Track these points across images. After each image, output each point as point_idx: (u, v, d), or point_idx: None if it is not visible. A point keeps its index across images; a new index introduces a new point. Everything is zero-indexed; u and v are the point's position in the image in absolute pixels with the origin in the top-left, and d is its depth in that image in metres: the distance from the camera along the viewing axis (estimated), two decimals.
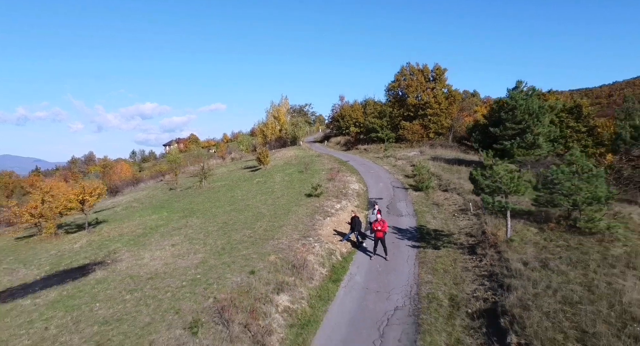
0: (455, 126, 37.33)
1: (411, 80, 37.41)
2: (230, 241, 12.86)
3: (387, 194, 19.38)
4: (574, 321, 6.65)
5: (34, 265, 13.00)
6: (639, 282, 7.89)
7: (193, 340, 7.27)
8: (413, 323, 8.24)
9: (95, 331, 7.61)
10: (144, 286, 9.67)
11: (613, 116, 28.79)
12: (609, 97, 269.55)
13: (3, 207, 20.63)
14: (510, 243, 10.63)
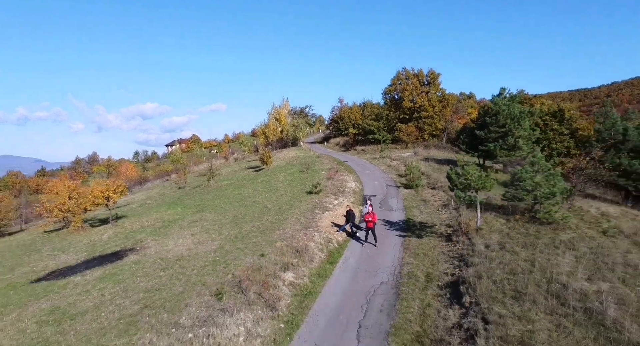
0: (449, 128, 39.35)
1: (407, 84, 39.45)
2: (241, 231, 14.91)
3: (380, 191, 21.42)
4: (513, 285, 8.69)
5: (72, 252, 15.05)
6: (573, 259, 9.94)
7: (219, 303, 9.30)
8: (394, 293, 10.26)
9: (141, 297, 9.66)
10: (173, 265, 11.72)
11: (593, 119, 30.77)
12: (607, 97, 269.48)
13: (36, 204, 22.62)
14: (479, 231, 12.67)
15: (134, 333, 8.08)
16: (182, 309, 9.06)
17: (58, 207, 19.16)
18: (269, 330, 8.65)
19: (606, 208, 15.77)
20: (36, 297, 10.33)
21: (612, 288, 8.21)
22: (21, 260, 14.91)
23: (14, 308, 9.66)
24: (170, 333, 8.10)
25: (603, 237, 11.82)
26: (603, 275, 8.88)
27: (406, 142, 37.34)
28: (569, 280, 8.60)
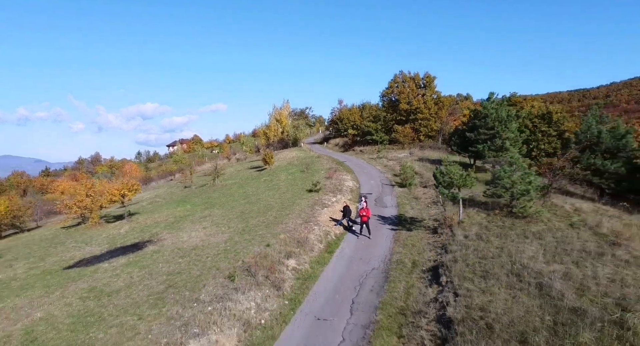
0: (444, 129, 40.91)
1: (403, 87, 41.02)
2: (248, 225, 16.48)
3: (376, 190, 22.99)
4: (482, 267, 10.26)
5: (94, 244, 16.63)
6: (538, 246, 11.50)
7: (232, 284, 10.86)
8: (383, 277, 11.83)
9: (164, 279, 11.24)
10: (190, 254, 13.29)
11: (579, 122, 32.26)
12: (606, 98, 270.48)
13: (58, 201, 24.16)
14: (461, 224, 14.24)
15: (163, 306, 9.65)
16: (201, 288, 10.63)
17: (77, 204, 20.71)
18: (275, 305, 10.22)
19: (580, 205, 17.31)
20: (72, 280, 11.91)
21: (565, 268, 9.77)
22: (49, 252, 16.49)
23: (56, 288, 11.23)
24: (192, 306, 9.67)
25: (570, 228, 13.38)
26: (560, 259, 10.45)
27: (403, 143, 38.91)
28: (529, 263, 10.17)
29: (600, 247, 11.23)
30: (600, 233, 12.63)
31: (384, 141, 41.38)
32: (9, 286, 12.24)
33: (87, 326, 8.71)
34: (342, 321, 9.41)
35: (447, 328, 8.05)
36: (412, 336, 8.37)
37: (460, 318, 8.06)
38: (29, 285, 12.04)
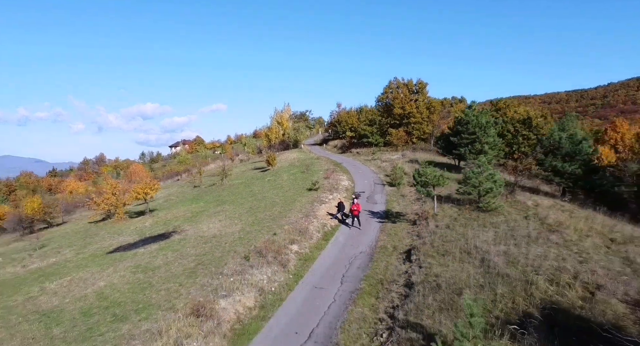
0: (436, 132, 43.77)
1: (397, 92, 43.93)
2: (257, 218, 19.38)
3: (368, 189, 25.89)
4: (444, 248, 13.17)
5: (125, 234, 19.54)
6: (492, 233, 14.39)
7: (248, 263, 13.74)
8: (369, 258, 14.72)
9: (194, 259, 14.15)
10: (211, 240, 16.20)
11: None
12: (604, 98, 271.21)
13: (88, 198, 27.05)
14: (435, 216, 17.13)
15: (196, 278, 12.56)
16: (224, 265, 13.53)
17: (104, 202, 23.60)
18: (282, 278, 13.12)
19: (542, 201, 20.20)
20: (118, 260, 14.82)
21: (506, 248, 12.66)
22: (87, 241, 19.41)
23: (108, 266, 14.14)
24: (218, 278, 12.56)
25: (523, 220, 16.27)
26: (506, 242, 13.34)
27: (396, 145, 41.81)
28: (481, 244, 13.07)
29: (541, 233, 14.14)
30: (546, 223, 15.53)
31: (379, 143, 44.28)
32: (66, 266, 15.16)
33: (142, 289, 11.62)
34: (334, 289, 12.31)
35: (410, 288, 10.96)
36: (385, 297, 11.28)
37: (420, 281, 10.99)
38: (83, 265, 14.96)
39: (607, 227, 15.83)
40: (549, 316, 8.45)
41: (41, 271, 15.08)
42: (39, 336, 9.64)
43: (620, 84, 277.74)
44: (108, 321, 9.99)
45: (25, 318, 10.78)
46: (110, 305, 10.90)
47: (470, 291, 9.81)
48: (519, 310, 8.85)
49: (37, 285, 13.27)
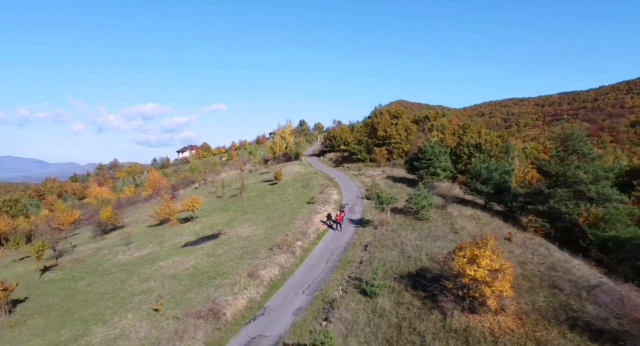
0: (412, 151, 53.69)
1: (381, 117, 53.88)
2: (273, 224, 29.35)
3: (352, 202, 35.81)
4: (385, 243, 23.18)
5: (185, 235, 29.51)
6: (417, 234, 24.33)
7: (271, 252, 23.69)
8: (344, 249, 24.66)
9: (239, 250, 24.15)
10: (246, 239, 26.19)
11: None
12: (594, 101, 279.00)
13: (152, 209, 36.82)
14: (388, 223, 27.12)
15: (244, 259, 22.54)
16: (258, 253, 23.50)
17: (163, 211, 33.49)
18: (292, 260, 23.09)
19: (466, 211, 30.11)
20: (191, 252, 24.78)
21: (421, 242, 22.59)
22: (160, 240, 29.34)
23: (188, 254, 24.10)
24: (256, 259, 22.51)
25: (443, 225, 26.22)
26: (421, 239, 23.26)
27: (379, 162, 51.79)
28: (406, 241, 23.02)
29: (446, 234, 24.13)
30: (454, 227, 25.54)
31: (366, 159, 54.25)
32: (160, 254, 25.15)
33: (217, 265, 21.61)
34: (322, 265, 22.28)
35: (360, 264, 20.96)
36: (348, 268, 21.24)
37: (365, 260, 21.02)
38: (171, 253, 24.94)
39: (494, 229, 25.85)
40: (419, 272, 18.48)
41: (147, 257, 25.04)
42: (177, 286, 19.57)
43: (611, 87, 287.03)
44: (206, 279, 19.99)
45: (163, 279, 20.74)
46: (203, 273, 20.90)
47: (387, 264, 19.81)
48: (406, 271, 18.88)
49: (153, 264, 23.25)
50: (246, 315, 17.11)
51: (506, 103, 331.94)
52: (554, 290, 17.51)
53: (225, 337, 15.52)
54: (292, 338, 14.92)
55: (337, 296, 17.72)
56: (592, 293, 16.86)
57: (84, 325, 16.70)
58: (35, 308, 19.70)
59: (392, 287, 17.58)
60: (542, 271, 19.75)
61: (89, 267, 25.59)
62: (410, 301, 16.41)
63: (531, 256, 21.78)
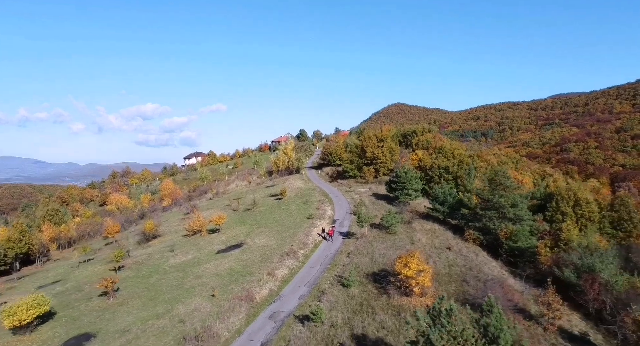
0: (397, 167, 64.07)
1: (369, 141, 64.33)
2: (282, 237, 39.85)
3: (342, 217, 46.27)
4: (362, 251, 33.73)
5: (215, 244, 40.02)
6: (386, 244, 34.82)
7: (282, 258, 34.15)
8: (333, 256, 35.16)
9: (259, 256, 34.69)
10: (263, 248, 36.71)
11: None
12: (585, 106, 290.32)
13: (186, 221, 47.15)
14: (366, 236, 37.61)
15: (264, 263, 33.05)
16: (272, 259, 34.00)
17: (196, 224, 43.88)
18: (297, 264, 33.64)
19: (428, 226, 40.52)
20: (225, 257, 35.25)
21: (385, 251, 33.05)
22: (197, 247, 39.79)
23: (222, 259, 34.54)
24: (272, 263, 32.99)
25: (405, 238, 36.67)
26: (387, 248, 33.73)
27: (367, 179, 62.29)
28: (376, 250, 33.52)
29: (405, 244, 34.60)
30: (413, 240, 36.07)
31: (357, 176, 64.75)
32: (201, 259, 35.63)
33: (246, 267, 32.11)
34: (317, 267, 32.79)
35: (344, 266, 31.46)
36: (335, 269, 31.71)
37: (347, 264, 31.54)
38: (210, 259, 35.42)
39: (442, 241, 36.35)
40: (379, 272, 29.01)
41: (192, 261, 35.47)
42: (221, 281, 29.99)
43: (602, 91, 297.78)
44: (240, 277, 30.48)
45: (210, 276, 31.19)
46: (237, 272, 31.39)
47: (361, 266, 30.33)
48: (372, 271, 29.43)
49: (199, 266, 33.67)
50: (268, 299, 27.58)
51: (501, 106, 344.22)
52: (463, 282, 28.09)
53: (257, 312, 25.98)
54: (298, 311, 25.36)
55: (326, 287, 28.22)
56: (487, 283, 27.35)
57: (169, 305, 27.18)
58: (129, 295, 30.18)
59: (361, 281, 28.11)
60: (462, 270, 30.32)
61: (151, 268, 36.09)
62: (371, 289, 26.96)
63: (460, 260, 32.35)
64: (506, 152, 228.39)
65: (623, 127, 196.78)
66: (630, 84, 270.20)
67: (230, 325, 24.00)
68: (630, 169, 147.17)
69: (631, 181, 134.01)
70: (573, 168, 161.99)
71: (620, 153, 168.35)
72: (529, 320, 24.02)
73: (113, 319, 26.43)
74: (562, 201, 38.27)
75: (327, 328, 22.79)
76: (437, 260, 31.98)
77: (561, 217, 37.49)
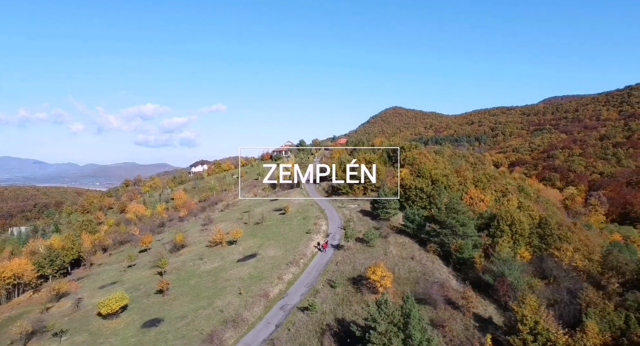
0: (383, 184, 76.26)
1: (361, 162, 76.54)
2: (287, 248, 52.09)
3: (334, 231, 58.49)
4: (346, 260, 46.00)
5: (235, 254, 52.25)
6: (365, 255, 47.01)
7: (289, 266, 46.33)
8: (326, 264, 47.36)
9: (270, 264, 46.95)
10: (273, 258, 48.95)
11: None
12: (575, 112, 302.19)
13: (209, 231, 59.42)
14: (351, 249, 49.84)
15: (274, 270, 45.29)
16: (280, 266, 46.24)
17: (217, 237, 55.97)
18: (298, 270, 45.97)
19: (400, 240, 52.70)
20: (245, 265, 47.40)
21: (364, 260, 45.23)
22: (220, 257, 51.90)
23: (242, 266, 46.67)
24: (280, 270, 45.20)
25: (380, 250, 48.82)
26: (366, 258, 45.92)
27: (357, 196, 74.51)
28: (357, 260, 45.73)
29: (380, 255, 46.85)
30: (387, 252, 48.35)
31: (349, 193, 76.94)
32: (226, 266, 47.80)
33: (261, 273, 44.31)
34: (314, 273, 45.08)
35: (333, 273, 43.70)
36: (327, 275, 43.95)
37: (335, 270, 43.82)
38: (232, 266, 47.58)
39: (409, 252, 48.62)
40: (358, 277, 41.28)
41: (219, 268, 47.52)
42: (244, 283, 42.08)
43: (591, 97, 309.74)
44: (257, 280, 42.67)
45: (236, 279, 43.32)
46: (255, 276, 43.57)
47: (345, 273, 42.57)
48: (353, 276, 41.72)
49: (226, 272, 45.73)
50: (279, 296, 39.76)
51: (494, 111, 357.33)
52: (416, 283, 40.35)
53: (271, 305, 38.16)
54: (300, 304, 37.49)
55: (320, 288, 40.43)
56: (432, 284, 39.56)
57: (209, 300, 39.34)
58: (178, 293, 42.33)
59: (344, 283, 40.33)
60: (418, 275, 42.59)
61: (188, 273, 48.23)
62: (350, 289, 39.23)
63: (419, 267, 44.62)
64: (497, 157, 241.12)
65: (607, 135, 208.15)
66: (619, 91, 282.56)
67: (254, 313, 36.25)
68: (607, 177, 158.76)
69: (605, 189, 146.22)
70: (555, 176, 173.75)
71: (601, 161, 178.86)
72: (454, 308, 36.24)
73: (171, 309, 38.65)
74: (502, 221, 50.44)
75: (319, 315, 35.02)
76: (401, 267, 44.26)
77: (500, 233, 49.67)
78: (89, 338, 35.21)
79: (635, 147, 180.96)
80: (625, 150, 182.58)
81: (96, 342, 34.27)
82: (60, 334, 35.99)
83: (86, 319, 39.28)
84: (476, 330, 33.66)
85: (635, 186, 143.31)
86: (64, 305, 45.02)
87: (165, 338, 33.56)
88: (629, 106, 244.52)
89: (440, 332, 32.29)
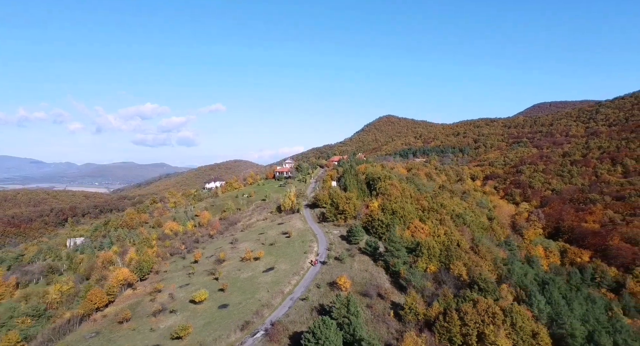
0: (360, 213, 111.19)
1: (339, 199, 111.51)
2: (292, 265, 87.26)
3: (322, 251, 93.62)
4: (328, 273, 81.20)
5: (260, 267, 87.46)
6: (340, 269, 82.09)
7: (293, 275, 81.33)
8: (315, 275, 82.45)
9: (283, 274, 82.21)
10: (284, 270, 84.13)
11: None
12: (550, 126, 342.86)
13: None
14: (330, 265, 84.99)
15: (285, 278, 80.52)
16: (289, 276, 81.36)
17: (247, 256, 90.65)
18: (299, 278, 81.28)
19: (363, 258, 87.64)
20: (267, 275, 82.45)
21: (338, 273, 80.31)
22: (251, 268, 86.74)
23: (266, 276, 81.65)
24: (289, 277, 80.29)
25: (349, 266, 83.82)
26: (341, 271, 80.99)
27: (339, 223, 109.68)
28: (334, 272, 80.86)
29: (347, 270, 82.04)
30: (352, 268, 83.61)
31: (334, 220, 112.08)
32: (256, 276, 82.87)
33: (278, 279, 79.48)
34: (309, 279, 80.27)
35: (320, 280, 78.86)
36: (316, 281, 79.07)
37: (320, 279, 79.07)
38: (261, 275, 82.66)
39: (366, 266, 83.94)
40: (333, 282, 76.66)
41: (253, 275, 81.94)
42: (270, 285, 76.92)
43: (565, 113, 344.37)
44: (276, 283, 77.80)
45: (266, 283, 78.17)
46: (275, 282, 78.69)
47: (325, 280, 77.85)
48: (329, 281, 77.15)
49: (259, 278, 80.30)
50: (289, 292, 74.94)
51: (479, 123, 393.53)
52: (365, 286, 75.86)
53: (285, 297, 73.40)
54: (301, 297, 72.57)
55: (312, 288, 75.70)
56: (373, 287, 74.96)
57: (251, 294, 74.41)
58: (231, 291, 77.31)
59: (325, 286, 75.56)
60: (368, 281, 78.08)
61: (234, 279, 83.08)
62: (328, 289, 74.71)
63: (369, 276, 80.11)
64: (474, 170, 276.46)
65: (568, 152, 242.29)
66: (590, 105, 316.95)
67: (276, 301, 71.50)
68: (556, 194, 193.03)
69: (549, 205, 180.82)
70: (516, 191, 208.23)
71: (557, 178, 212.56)
72: (381, 298, 71.40)
73: (231, 299, 73.70)
74: (423, 246, 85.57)
75: (311, 302, 70.22)
76: (358, 276, 79.36)
77: (421, 254, 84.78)
78: (191, 314, 70.21)
79: (587, 166, 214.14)
80: (578, 168, 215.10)
81: (197, 316, 69.28)
82: (174, 311, 71.08)
83: (184, 304, 74.31)
84: (389, 309, 68.82)
85: (574, 203, 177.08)
86: (163, 297, 79.94)
87: (232, 313, 68.56)
88: (594, 123, 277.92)
89: (370, 311, 67.40)
